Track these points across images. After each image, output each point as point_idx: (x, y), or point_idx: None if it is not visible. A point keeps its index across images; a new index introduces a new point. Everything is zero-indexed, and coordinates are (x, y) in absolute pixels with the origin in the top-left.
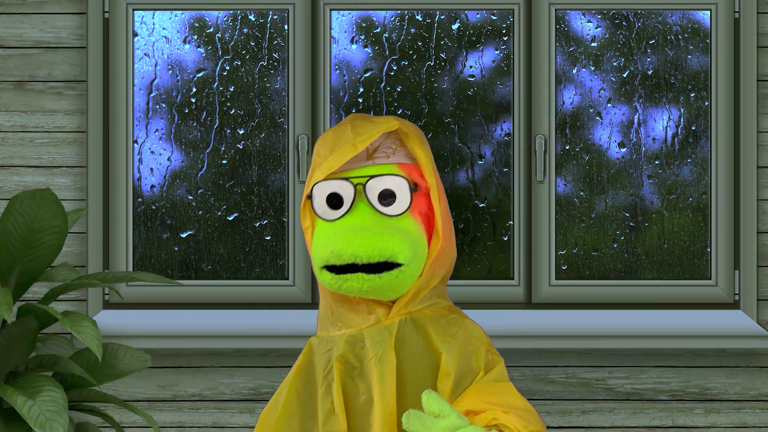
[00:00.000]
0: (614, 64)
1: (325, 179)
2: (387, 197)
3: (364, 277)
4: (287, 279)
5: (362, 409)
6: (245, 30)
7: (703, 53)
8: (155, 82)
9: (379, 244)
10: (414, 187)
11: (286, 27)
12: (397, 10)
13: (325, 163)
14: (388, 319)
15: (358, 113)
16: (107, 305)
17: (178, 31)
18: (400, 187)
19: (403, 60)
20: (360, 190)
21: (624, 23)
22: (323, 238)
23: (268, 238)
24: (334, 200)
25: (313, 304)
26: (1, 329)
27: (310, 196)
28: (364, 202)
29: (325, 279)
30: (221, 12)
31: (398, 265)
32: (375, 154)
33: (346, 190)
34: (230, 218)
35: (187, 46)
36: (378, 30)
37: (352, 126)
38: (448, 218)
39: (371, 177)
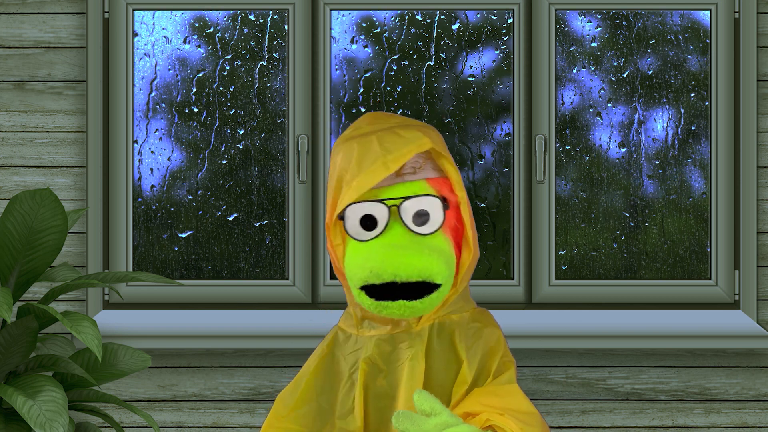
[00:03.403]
0: (614, 64)
1: (358, 201)
2: (421, 217)
3: (405, 305)
4: (287, 279)
5: (384, 411)
6: (245, 30)
7: (703, 53)
8: (155, 82)
9: (418, 264)
10: (446, 205)
11: (286, 27)
12: (397, 10)
13: (355, 181)
14: (419, 325)
15: (376, 113)
16: (107, 305)
17: (178, 31)
18: (434, 206)
19: (403, 60)
20: (394, 211)
21: (624, 23)
22: (360, 258)
23: (268, 238)
24: (368, 221)
25: (313, 304)
26: (1, 329)
27: (341, 217)
28: (398, 222)
29: (364, 302)
30: (221, 12)
31: (436, 286)
32: (402, 170)
33: (380, 212)
34: (230, 218)
35: (187, 46)
36: (378, 30)
37: (379, 140)
38: (474, 226)
39: (405, 198)
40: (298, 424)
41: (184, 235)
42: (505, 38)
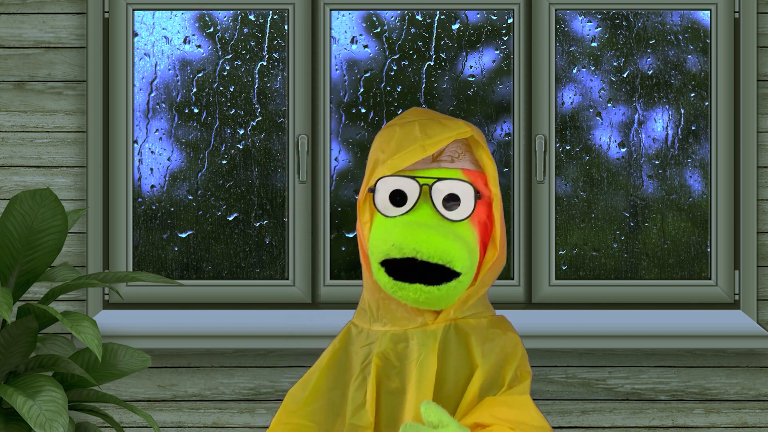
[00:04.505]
0: (614, 64)
1: (391, 175)
2: (451, 201)
3: (422, 289)
4: (287, 279)
5: (395, 408)
6: (245, 30)
7: (702, 53)
8: (155, 81)
9: (442, 245)
10: (478, 195)
11: (286, 27)
12: (398, 10)
13: (390, 160)
14: (435, 323)
15: (421, 108)
16: (107, 305)
17: (178, 31)
18: (466, 193)
19: (403, 60)
20: (426, 190)
21: (624, 23)
22: (383, 231)
23: (268, 238)
24: (398, 197)
25: (313, 304)
26: (1, 329)
27: (372, 190)
28: (428, 203)
29: (381, 279)
30: (221, 12)
31: (455, 274)
32: (440, 157)
33: (411, 189)
34: (230, 218)
35: (187, 46)
36: (378, 30)
37: (421, 126)
38: (504, 229)
39: (439, 179)
40: (308, 420)
41: (184, 235)
42: (505, 38)
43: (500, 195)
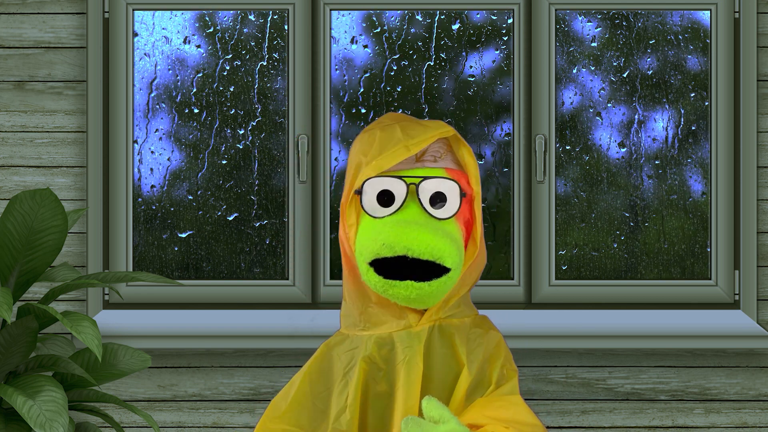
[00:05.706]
0: (614, 64)
1: (377, 176)
2: (438, 200)
3: (413, 285)
4: (287, 279)
5: (383, 411)
6: (245, 30)
7: (703, 53)
8: (155, 81)
9: (432, 242)
10: (463, 193)
11: (286, 27)
12: (398, 10)
13: (375, 161)
14: (419, 325)
15: (396, 113)
16: (107, 305)
17: (178, 31)
18: (452, 191)
19: (403, 60)
20: (413, 190)
21: (624, 23)
22: (372, 232)
23: (269, 238)
24: (385, 197)
25: (313, 304)
26: (1, 329)
27: (359, 192)
28: (415, 202)
29: (371, 280)
30: (221, 12)
31: (445, 270)
32: (423, 157)
33: (398, 189)
34: (230, 218)
35: (187, 46)
36: (378, 30)
37: (402, 128)
38: (482, 225)
39: (425, 178)
40: (292, 425)
41: (184, 235)
42: (505, 38)
43: (481, 193)
